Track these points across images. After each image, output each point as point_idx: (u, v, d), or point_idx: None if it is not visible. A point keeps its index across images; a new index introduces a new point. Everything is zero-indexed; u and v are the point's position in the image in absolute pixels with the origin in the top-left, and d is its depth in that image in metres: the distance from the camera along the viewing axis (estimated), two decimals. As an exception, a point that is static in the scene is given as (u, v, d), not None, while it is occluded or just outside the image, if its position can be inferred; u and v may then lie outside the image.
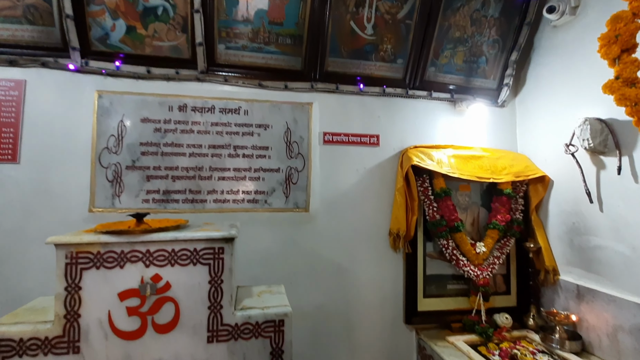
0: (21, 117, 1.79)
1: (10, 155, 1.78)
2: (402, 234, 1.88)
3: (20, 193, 1.76)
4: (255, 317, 1.04)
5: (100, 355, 0.96)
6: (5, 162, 1.77)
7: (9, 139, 1.80)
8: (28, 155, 1.78)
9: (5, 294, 1.72)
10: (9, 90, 1.81)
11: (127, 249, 0.99)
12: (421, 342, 1.86)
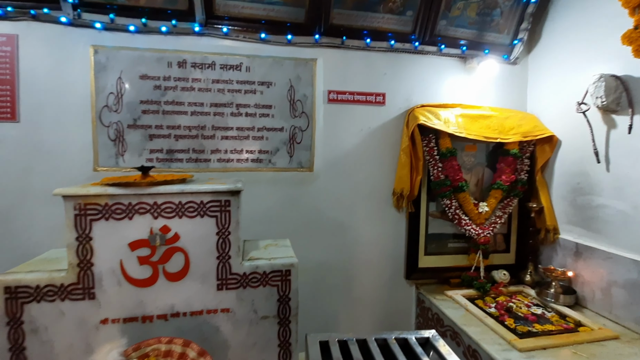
0: (16, 74, 1.74)
1: (10, 113, 1.75)
2: (406, 194, 1.89)
3: (22, 152, 1.75)
4: (263, 267, 1.07)
5: (114, 301, 1.00)
6: (4, 120, 1.74)
7: (7, 97, 1.75)
8: (27, 113, 1.74)
9: (15, 250, 1.77)
10: (2, 46, 1.74)
11: (135, 201, 0.99)
12: (420, 296, 1.94)
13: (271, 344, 1.08)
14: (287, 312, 1.07)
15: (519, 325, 1.51)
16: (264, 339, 1.07)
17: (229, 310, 1.05)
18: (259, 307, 1.06)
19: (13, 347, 0.96)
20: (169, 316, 1.02)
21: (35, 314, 0.96)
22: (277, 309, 1.07)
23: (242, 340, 1.06)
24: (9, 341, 0.95)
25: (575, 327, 1.50)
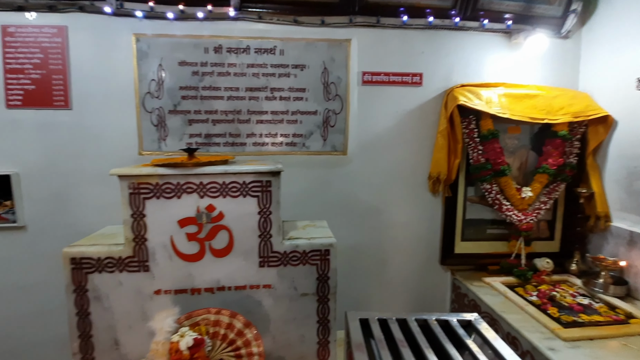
0: (67, 64, 1.86)
1: (63, 101, 1.88)
2: (443, 178, 1.84)
3: (75, 137, 1.88)
4: (303, 246, 1.10)
5: (166, 274, 1.08)
6: (59, 108, 1.88)
7: (60, 85, 1.88)
8: (78, 101, 1.87)
9: (72, 227, 1.93)
10: (53, 37, 1.86)
11: (182, 181, 1.05)
12: (456, 282, 1.92)
13: (310, 319, 1.12)
14: (325, 290, 1.11)
15: (563, 314, 1.46)
16: (303, 314, 1.11)
17: (270, 286, 1.10)
18: (299, 285, 1.10)
19: (80, 312, 1.06)
20: (215, 289, 1.09)
21: (97, 283, 1.06)
22: (316, 287, 1.11)
23: (283, 314, 1.11)
24: (76, 306, 1.06)
25: (626, 319, 1.43)
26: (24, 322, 2.00)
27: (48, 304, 1.98)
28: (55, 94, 1.88)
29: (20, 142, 1.87)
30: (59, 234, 1.93)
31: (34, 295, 1.98)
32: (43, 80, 1.86)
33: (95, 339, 1.08)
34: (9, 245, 1.95)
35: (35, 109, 1.87)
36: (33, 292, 1.98)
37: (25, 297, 1.98)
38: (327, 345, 1.13)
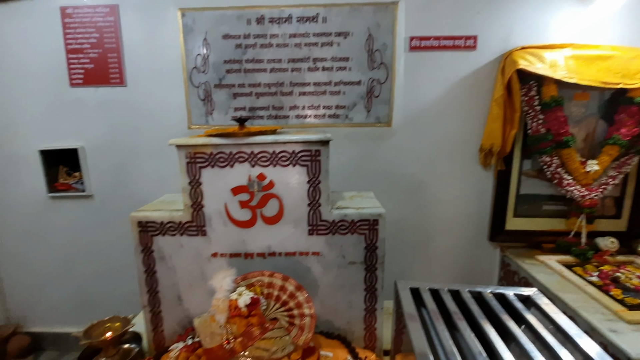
0: (120, 42, 1.95)
1: (118, 78, 2.00)
2: (496, 150, 1.74)
3: (130, 113, 2.01)
4: (351, 215, 1.10)
5: (222, 238, 1.14)
6: (115, 85, 2.00)
7: (115, 63, 1.99)
8: (131, 77, 1.97)
9: (132, 197, 2.11)
10: (107, 16, 1.95)
11: (235, 150, 1.09)
12: (505, 259, 1.84)
13: (358, 287, 1.14)
14: (373, 259, 1.12)
15: (627, 296, 1.36)
16: (351, 282, 1.14)
17: (319, 254, 1.13)
18: (347, 253, 1.12)
19: (147, 270, 1.17)
20: (267, 255, 1.14)
21: (161, 245, 1.16)
22: (364, 256, 1.12)
23: (331, 281, 1.14)
24: (144, 265, 1.16)
25: (702, 304, 1.30)
26: (97, 278, 2.27)
27: (116, 264, 2.22)
28: (112, 71, 2.00)
29: (85, 118, 2.03)
30: (121, 202, 2.12)
31: (104, 256, 2.22)
32: (100, 58, 1.98)
33: (162, 294, 1.19)
34: (81, 212, 2.18)
35: (95, 87, 2.00)
36: (103, 253, 2.22)
37: (97, 257, 2.23)
38: (374, 312, 1.15)
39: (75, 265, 2.25)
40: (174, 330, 1.22)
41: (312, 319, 0.97)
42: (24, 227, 2.24)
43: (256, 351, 0.96)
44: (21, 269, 2.34)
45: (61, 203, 2.19)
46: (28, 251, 2.29)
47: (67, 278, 2.28)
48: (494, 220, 1.86)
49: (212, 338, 0.97)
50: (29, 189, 2.17)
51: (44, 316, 2.38)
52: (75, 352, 2.38)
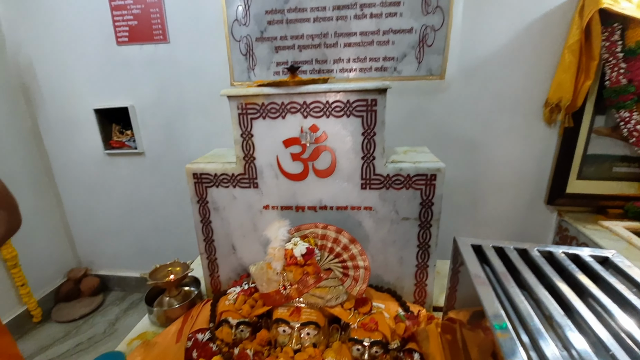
0: (162, -4, 1.90)
1: (162, 35, 1.98)
2: (564, 104, 1.55)
3: (174, 70, 2.00)
4: (407, 170, 1.04)
5: (273, 191, 1.14)
6: (159, 42, 1.99)
7: (157, 19, 1.97)
8: (173, 33, 1.94)
9: (180, 155, 2.17)
10: (147, -31, 1.89)
11: (287, 101, 1.04)
12: (563, 224, 1.72)
13: (410, 243, 1.11)
14: (428, 215, 1.07)
15: None
16: (403, 238, 1.11)
17: (371, 209, 1.10)
18: (401, 209, 1.08)
19: (203, 220, 1.21)
20: (318, 208, 1.13)
21: (215, 196, 1.18)
22: (419, 212, 1.07)
23: (383, 237, 1.12)
24: (200, 215, 1.20)
25: None
26: (153, 230, 2.43)
27: (169, 218, 2.36)
28: (154, 27, 1.98)
29: (133, 77, 2.07)
30: (170, 160, 2.20)
31: (158, 210, 2.36)
32: (143, 14, 1.96)
33: (217, 243, 1.24)
34: (134, 168, 2.30)
35: (140, 44, 2.00)
36: (157, 207, 2.36)
37: (152, 211, 2.37)
38: (425, 269, 1.13)
39: (133, 218, 2.42)
40: (229, 277, 1.28)
41: (367, 271, 0.96)
42: (86, 181, 2.42)
43: (311, 298, 0.98)
44: (87, 221, 2.56)
45: (116, 160, 2.31)
46: (91, 205, 2.49)
47: (127, 229, 2.47)
48: (554, 183, 1.71)
49: (268, 284, 1.00)
50: (88, 147, 2.30)
51: (109, 262, 2.63)
52: (138, 293, 2.64)
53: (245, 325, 1.05)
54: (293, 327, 0.97)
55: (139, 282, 2.59)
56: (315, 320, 0.96)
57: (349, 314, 0.99)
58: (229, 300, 1.10)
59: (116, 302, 2.55)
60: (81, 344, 2.19)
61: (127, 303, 2.52)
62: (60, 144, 2.36)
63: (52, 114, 2.28)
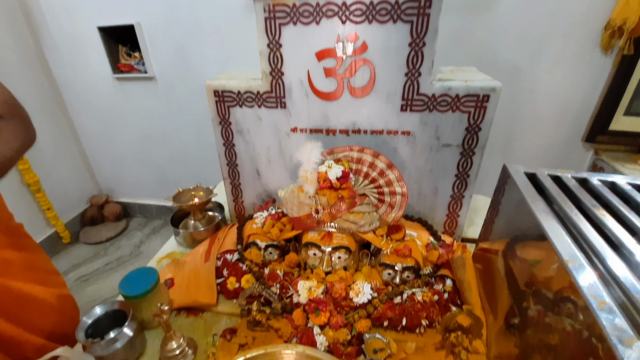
0: None
1: None
2: (629, 27, 1.33)
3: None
4: (456, 89, 0.91)
5: (302, 112, 1.02)
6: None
7: None
8: None
9: (194, 81, 2.01)
10: None
11: (323, 1, 0.87)
12: (598, 163, 1.61)
13: (448, 173, 1.02)
14: (473, 142, 0.96)
15: None
16: (441, 167, 1.01)
17: (409, 134, 0.99)
18: (443, 134, 0.97)
19: (226, 143, 1.12)
20: (350, 132, 1.02)
21: (239, 117, 1.07)
22: (463, 138, 0.96)
23: (419, 165, 1.03)
24: (222, 137, 1.11)
25: None
26: (170, 160, 2.38)
27: (185, 148, 2.28)
28: None
29: (137, -12, 1.82)
30: (184, 86, 2.05)
31: (174, 139, 2.28)
32: None
33: (241, 167, 1.16)
34: (146, 95, 2.16)
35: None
36: (173, 137, 2.27)
37: (168, 140, 2.29)
38: (461, 199, 1.05)
39: (150, 148, 2.36)
40: (253, 203, 1.24)
41: (404, 197, 0.89)
42: (96, 107, 2.30)
43: (344, 223, 0.92)
44: (103, 149, 2.51)
45: (126, 86, 2.16)
46: (106, 134, 2.41)
47: (144, 159, 2.42)
48: (597, 118, 1.56)
49: (299, 208, 0.94)
50: (95, 69, 2.14)
51: (129, 190, 2.64)
52: (159, 220, 2.70)
53: (274, 248, 1.02)
54: (324, 251, 0.93)
55: (160, 209, 2.63)
56: (347, 245, 0.92)
57: (382, 240, 0.94)
58: (256, 224, 1.06)
59: (139, 227, 2.62)
60: (110, 263, 2.30)
61: (150, 229, 2.59)
62: (67, 69, 2.20)
63: (55, 34, 2.08)
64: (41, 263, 0.96)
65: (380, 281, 0.92)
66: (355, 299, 0.85)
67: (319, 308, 0.83)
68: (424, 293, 0.85)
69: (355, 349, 0.80)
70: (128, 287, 0.87)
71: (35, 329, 0.89)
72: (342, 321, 0.83)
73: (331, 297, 0.86)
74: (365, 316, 0.84)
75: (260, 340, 0.85)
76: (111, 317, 0.87)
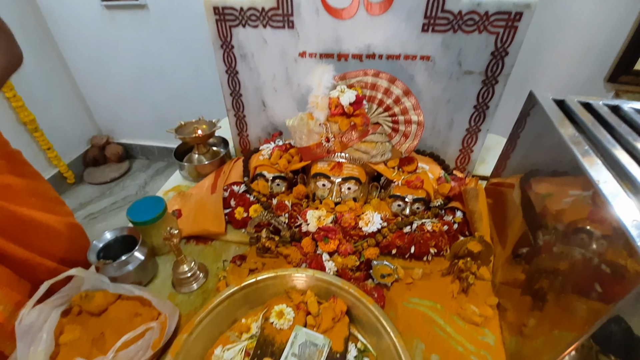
0: None
1: None
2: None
3: None
4: (486, 5, 0.80)
5: (312, 33, 0.92)
6: None
7: None
8: None
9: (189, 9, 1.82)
10: None
11: None
12: (618, 105, 1.52)
13: (467, 103, 0.95)
14: (497, 69, 0.87)
15: None
16: (461, 97, 0.94)
17: (429, 59, 0.89)
18: (465, 59, 0.88)
19: (229, 70, 1.02)
20: (364, 57, 0.93)
21: (242, 40, 0.96)
22: (487, 64, 0.87)
23: (436, 94, 0.95)
24: (224, 64, 1.01)
25: None
26: (168, 98, 2.27)
27: (183, 84, 2.15)
28: None
29: None
30: (179, 14, 1.86)
31: (170, 75, 2.14)
32: None
33: (245, 98, 1.08)
34: (138, 26, 1.97)
35: None
36: (169, 73, 2.13)
37: (164, 76, 2.15)
38: (477, 133, 1.00)
39: (146, 85, 2.23)
40: (258, 136, 1.18)
41: (419, 126, 0.83)
42: (86, 40, 2.12)
43: (355, 153, 0.88)
44: (98, 87, 2.37)
45: (116, 14, 1.97)
46: (100, 69, 2.26)
47: (141, 97, 2.30)
48: (624, 56, 1.43)
49: (309, 136, 0.88)
50: (81, -4, 1.92)
51: (129, 131, 2.56)
52: (162, 162, 2.66)
53: (281, 180, 0.98)
54: (333, 182, 0.90)
55: (162, 151, 2.58)
56: (357, 176, 0.89)
57: (393, 172, 0.91)
58: (262, 156, 1.01)
59: (142, 169, 2.59)
60: (117, 202, 2.31)
61: (153, 170, 2.57)
62: None
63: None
64: (44, 190, 0.93)
65: (389, 213, 0.90)
66: (364, 228, 0.84)
67: (328, 236, 0.82)
68: (434, 224, 0.84)
69: (364, 274, 0.81)
70: (136, 214, 0.86)
71: (47, 254, 0.88)
72: (351, 248, 0.82)
73: (340, 226, 0.85)
74: (374, 244, 0.84)
75: (270, 265, 0.86)
76: (121, 243, 0.87)
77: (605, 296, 0.44)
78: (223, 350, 0.69)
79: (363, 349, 0.69)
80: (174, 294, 0.83)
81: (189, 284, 0.83)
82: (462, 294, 0.77)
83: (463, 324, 0.73)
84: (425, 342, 0.70)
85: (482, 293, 0.77)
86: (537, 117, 0.78)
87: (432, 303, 0.77)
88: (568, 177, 0.61)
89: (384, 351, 0.65)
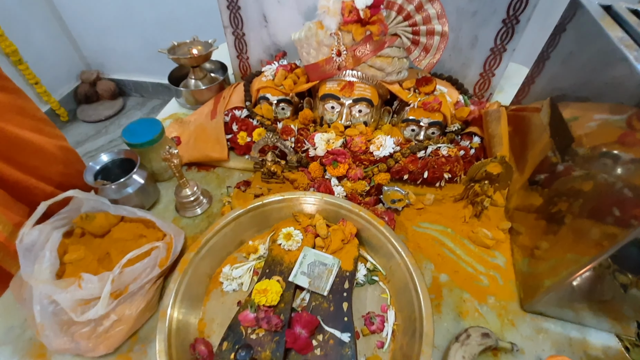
0: None
1: None
2: None
3: None
4: None
5: None
6: None
7: None
8: None
9: None
10: None
11: None
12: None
13: (495, 17, 0.82)
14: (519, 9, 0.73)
15: None
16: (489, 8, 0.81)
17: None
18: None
19: (230, 5, 0.87)
20: None
21: None
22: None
23: (461, 5, 0.83)
24: None
25: None
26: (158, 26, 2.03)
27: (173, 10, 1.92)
28: None
29: None
30: None
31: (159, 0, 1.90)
32: None
33: (244, 12, 0.94)
34: None
35: None
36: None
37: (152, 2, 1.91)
38: (502, 54, 0.88)
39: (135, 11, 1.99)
40: (259, 59, 1.06)
41: (443, 37, 0.72)
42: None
43: (369, 70, 0.78)
44: (82, 14, 2.13)
45: None
46: None
47: (129, 25, 2.07)
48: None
49: (318, 49, 0.77)
50: None
51: (120, 65, 2.37)
52: (157, 99, 2.51)
53: (287, 104, 0.90)
54: (343, 104, 0.81)
55: (156, 87, 2.42)
56: (370, 97, 0.80)
57: (409, 93, 0.82)
58: (265, 77, 0.91)
59: (137, 107, 2.45)
60: (114, 140, 2.22)
61: (149, 108, 2.43)
62: None
63: None
64: (30, 109, 0.84)
65: (402, 138, 0.83)
66: (376, 152, 0.78)
67: (338, 159, 0.76)
68: (450, 149, 0.78)
69: (374, 199, 0.77)
70: (132, 136, 0.78)
71: (42, 177, 0.83)
72: (361, 173, 0.77)
73: (350, 150, 0.79)
74: (385, 170, 0.78)
75: (276, 191, 0.81)
76: (119, 167, 0.81)
77: (624, 220, 0.42)
78: (232, 268, 0.68)
79: (372, 269, 0.67)
80: (178, 218, 0.79)
81: (193, 209, 0.79)
82: (474, 218, 0.74)
83: (474, 247, 0.71)
84: (434, 262, 0.69)
85: (494, 217, 0.74)
86: (577, 28, 0.67)
87: (443, 227, 0.74)
88: (597, 102, 0.56)
89: (394, 270, 0.63)
